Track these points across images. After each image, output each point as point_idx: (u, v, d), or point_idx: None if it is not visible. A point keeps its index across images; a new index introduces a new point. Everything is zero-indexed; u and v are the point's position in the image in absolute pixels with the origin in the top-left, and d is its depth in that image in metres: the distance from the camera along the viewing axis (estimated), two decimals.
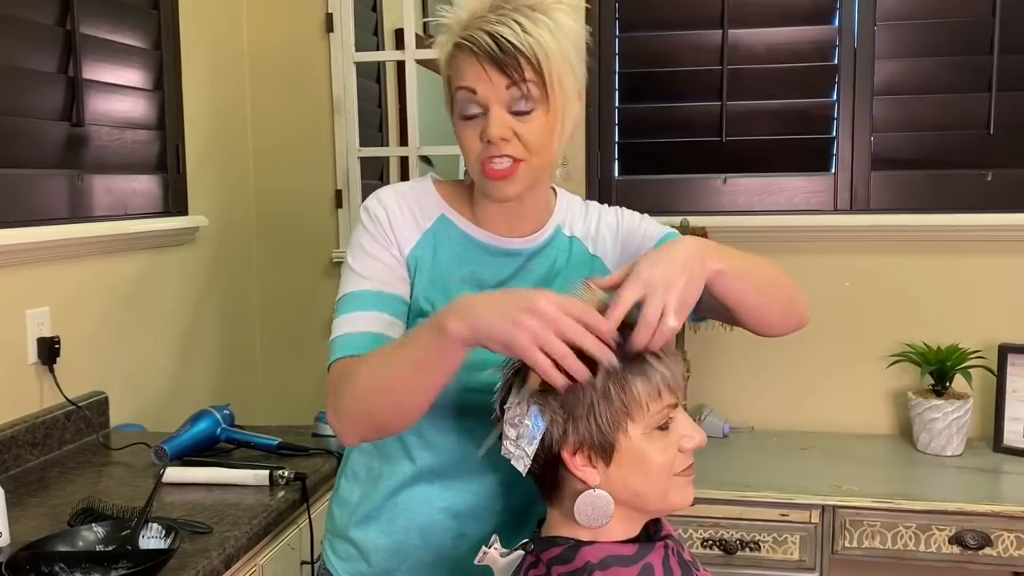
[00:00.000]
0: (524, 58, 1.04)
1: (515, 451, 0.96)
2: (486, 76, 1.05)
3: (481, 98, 1.06)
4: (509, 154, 1.07)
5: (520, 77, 1.04)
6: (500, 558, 1.01)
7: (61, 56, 1.87)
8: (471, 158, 1.10)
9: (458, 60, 1.08)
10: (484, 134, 1.06)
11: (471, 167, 1.11)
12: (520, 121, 1.07)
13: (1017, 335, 2.18)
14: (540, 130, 1.08)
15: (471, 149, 1.09)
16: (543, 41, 1.04)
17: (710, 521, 1.92)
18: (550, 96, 1.07)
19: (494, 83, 1.05)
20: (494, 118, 1.06)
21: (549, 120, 1.08)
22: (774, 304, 1.12)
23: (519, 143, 1.07)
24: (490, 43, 1.04)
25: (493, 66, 1.04)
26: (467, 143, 1.10)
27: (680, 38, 2.38)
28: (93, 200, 1.96)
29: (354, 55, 2.48)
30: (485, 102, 1.06)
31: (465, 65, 1.07)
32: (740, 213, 2.37)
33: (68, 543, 1.25)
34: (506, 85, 1.05)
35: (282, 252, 2.57)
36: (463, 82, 1.07)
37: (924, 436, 2.13)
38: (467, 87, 1.07)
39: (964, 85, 2.26)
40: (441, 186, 1.21)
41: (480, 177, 1.10)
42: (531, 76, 1.05)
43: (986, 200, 2.25)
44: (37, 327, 1.77)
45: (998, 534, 1.83)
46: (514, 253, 1.18)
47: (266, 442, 1.75)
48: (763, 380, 2.37)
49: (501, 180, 1.08)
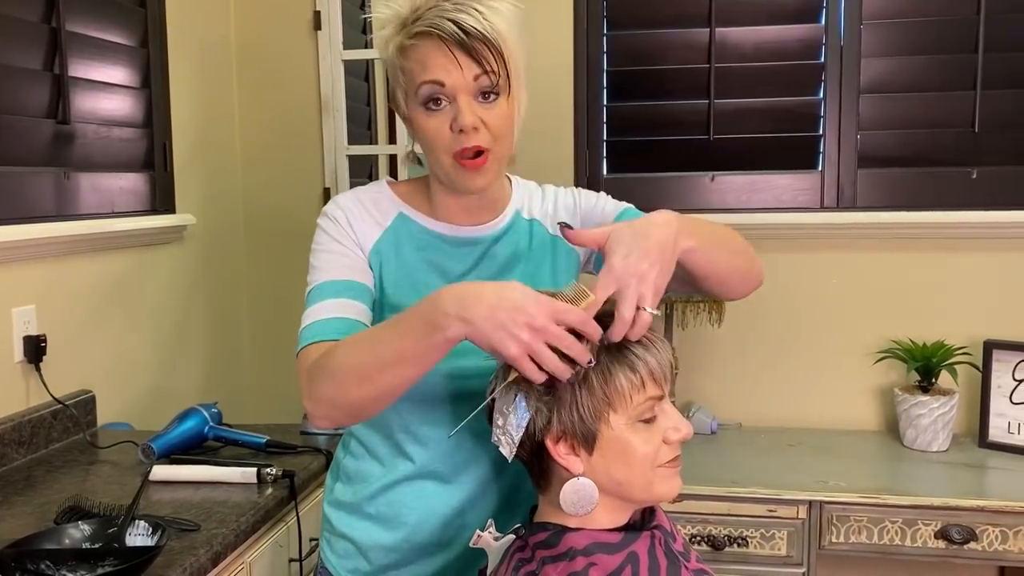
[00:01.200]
0: (490, 44, 1.04)
1: (502, 438, 0.99)
2: (456, 64, 1.04)
3: (448, 89, 1.05)
4: (479, 143, 1.07)
5: (490, 66, 1.04)
6: (494, 542, 1.04)
7: (47, 53, 1.86)
8: (439, 149, 1.09)
9: (419, 51, 1.05)
10: (455, 124, 1.06)
11: (439, 159, 1.10)
12: (485, 108, 1.07)
13: (1002, 331, 2.20)
14: (504, 117, 1.08)
15: (438, 140, 1.08)
16: (501, 28, 1.05)
17: (698, 517, 1.92)
18: (512, 82, 1.08)
19: (464, 71, 1.04)
20: (464, 107, 1.05)
21: (510, 107, 1.09)
22: (738, 271, 1.15)
23: (487, 131, 1.07)
24: (456, 30, 1.03)
25: (463, 53, 1.04)
26: (433, 134, 1.08)
27: (668, 36, 2.38)
28: (79, 198, 1.95)
29: (342, 53, 2.48)
30: (452, 92, 1.06)
31: (429, 55, 1.05)
32: (728, 211, 2.37)
33: (54, 541, 1.24)
34: (475, 75, 1.05)
35: (270, 250, 2.57)
36: (429, 75, 1.05)
37: (910, 432, 2.15)
38: (434, 80, 1.05)
39: (949, 83, 2.27)
40: (396, 187, 1.22)
41: (453, 168, 1.09)
42: (497, 63, 1.05)
43: (971, 198, 2.26)
44: (23, 325, 1.76)
45: (983, 528, 1.84)
46: (476, 241, 1.18)
47: (254, 440, 1.74)
48: (751, 377, 2.38)
49: (475, 171, 1.08)
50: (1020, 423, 2.12)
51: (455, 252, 1.17)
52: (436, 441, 1.16)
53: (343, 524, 1.22)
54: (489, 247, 1.19)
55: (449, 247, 1.17)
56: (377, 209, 1.18)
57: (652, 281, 0.96)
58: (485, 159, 1.08)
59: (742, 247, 1.17)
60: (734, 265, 1.14)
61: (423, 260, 1.16)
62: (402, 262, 1.16)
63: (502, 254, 1.19)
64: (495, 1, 1.06)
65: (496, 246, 1.19)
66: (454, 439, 1.13)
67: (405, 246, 1.17)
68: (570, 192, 1.27)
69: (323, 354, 1.02)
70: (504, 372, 1.00)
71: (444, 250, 1.17)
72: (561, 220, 1.12)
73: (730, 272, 1.13)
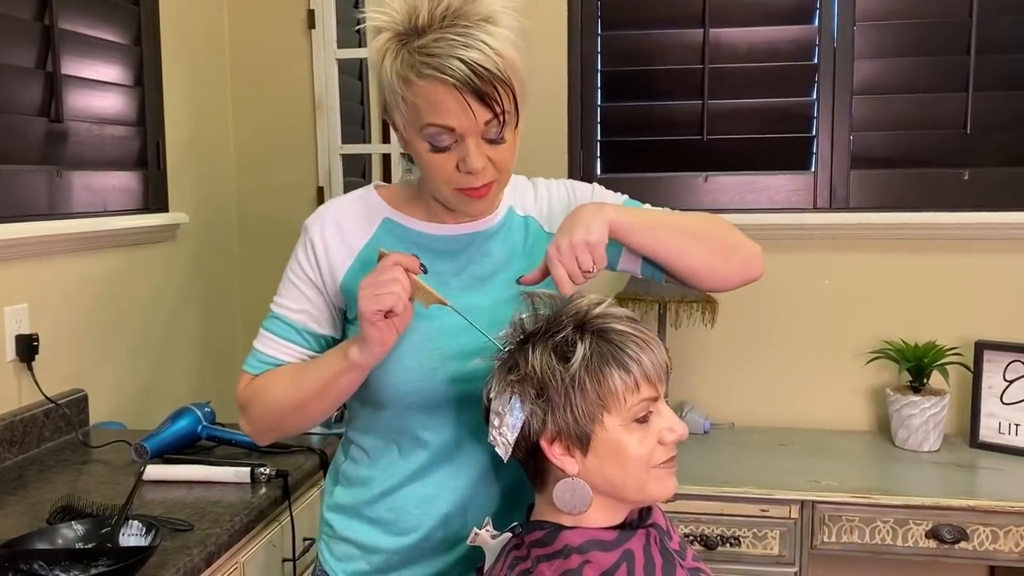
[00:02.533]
0: (502, 84, 1.01)
1: (498, 439, 0.99)
2: (466, 109, 1.01)
3: (457, 132, 1.03)
4: (485, 181, 1.07)
5: (501, 107, 1.02)
6: (491, 540, 1.04)
7: (40, 51, 1.85)
8: (440, 181, 1.08)
9: (428, 91, 1.01)
10: (463, 165, 1.05)
11: (439, 188, 1.10)
12: (493, 148, 1.06)
13: (993, 332, 2.21)
14: (510, 151, 1.08)
15: (442, 175, 1.07)
16: (510, 58, 1.02)
17: (691, 517, 1.93)
18: (519, 115, 1.06)
19: (476, 117, 1.01)
20: (473, 151, 1.04)
21: (515, 135, 1.08)
22: (699, 255, 1.14)
23: (493, 168, 1.07)
24: (468, 74, 0.98)
25: (477, 101, 1.00)
26: (436, 169, 1.07)
27: (662, 37, 2.39)
28: (72, 196, 1.95)
29: (336, 52, 2.47)
30: (461, 135, 1.03)
31: (438, 98, 1.00)
32: (721, 211, 2.38)
33: (47, 541, 1.24)
34: (487, 120, 1.02)
35: (263, 249, 2.56)
36: (439, 119, 1.02)
37: (902, 432, 2.16)
38: (443, 125, 1.02)
39: (942, 85, 2.28)
40: (384, 191, 1.21)
41: (458, 198, 1.09)
42: (507, 103, 1.03)
43: (963, 199, 2.27)
44: (15, 324, 1.75)
45: (974, 528, 1.85)
46: (466, 239, 1.17)
47: (247, 440, 1.72)
48: (743, 377, 2.38)
49: (479, 199, 1.09)
50: (1011, 423, 2.13)
51: (448, 252, 1.17)
52: (438, 445, 1.15)
53: (345, 527, 1.21)
54: (484, 243, 1.18)
55: (441, 247, 1.17)
56: (358, 223, 1.17)
57: (579, 244, 1.03)
58: (490, 188, 1.09)
59: (705, 231, 1.15)
60: (690, 247, 1.13)
61: None
62: None
63: (498, 252, 1.18)
64: (499, 26, 1.01)
65: (491, 243, 1.18)
66: (458, 440, 1.14)
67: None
68: (563, 185, 1.26)
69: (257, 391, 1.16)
70: (500, 374, 1.00)
71: (436, 251, 1.16)
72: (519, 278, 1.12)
73: (686, 253, 1.13)
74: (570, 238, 1.04)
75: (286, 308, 1.19)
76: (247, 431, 1.20)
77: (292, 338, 1.17)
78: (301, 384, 1.12)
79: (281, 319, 1.18)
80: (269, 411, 1.16)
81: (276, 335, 1.18)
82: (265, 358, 1.18)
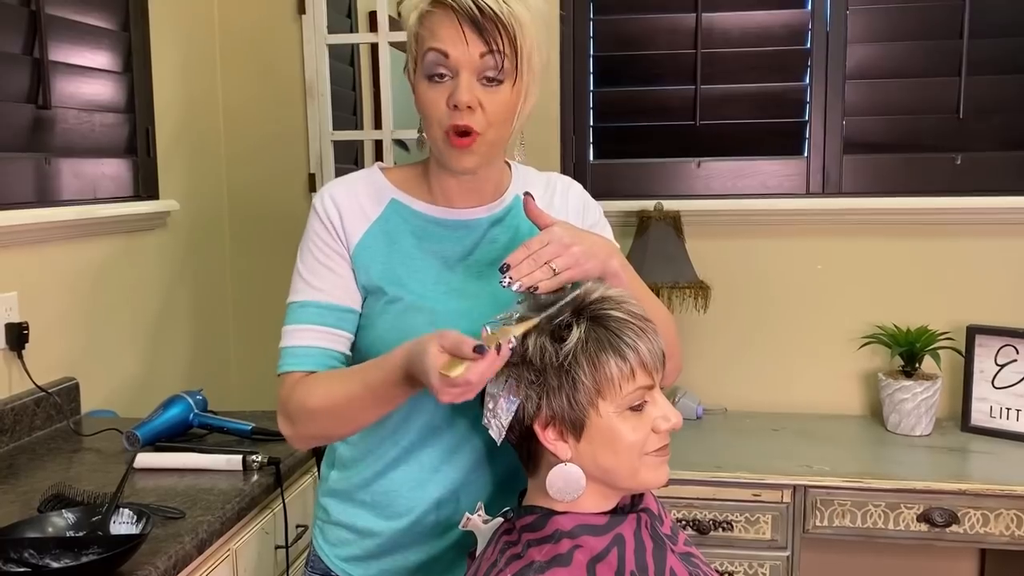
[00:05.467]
0: (503, 27, 1.04)
1: (492, 421, 0.99)
2: (463, 39, 1.04)
3: (452, 62, 1.05)
4: (471, 124, 1.06)
5: (497, 46, 1.04)
6: (482, 524, 1.05)
7: (26, 37, 1.83)
8: (432, 121, 1.09)
9: (433, 19, 1.05)
10: (452, 98, 1.05)
11: (432, 131, 1.10)
12: (487, 91, 1.06)
13: (985, 317, 2.22)
14: (504, 103, 1.07)
15: (434, 112, 1.08)
16: (520, 13, 1.05)
17: (683, 502, 1.94)
18: (520, 70, 1.07)
19: (470, 48, 1.04)
20: (464, 84, 1.05)
21: (514, 95, 1.08)
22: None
23: (482, 114, 1.06)
24: (471, 6, 1.03)
25: (473, 29, 1.03)
26: (430, 105, 1.08)
27: (654, 21, 2.38)
28: (61, 184, 1.94)
29: (327, 37, 2.45)
30: (456, 66, 1.05)
31: (441, 25, 1.05)
32: (714, 197, 2.38)
33: (37, 529, 1.24)
34: (481, 52, 1.04)
35: (255, 236, 2.55)
36: (437, 43, 1.05)
37: (894, 416, 2.16)
38: (440, 49, 1.05)
39: (934, 69, 2.28)
40: (390, 172, 1.21)
41: (442, 144, 1.09)
42: (506, 47, 1.04)
43: (956, 183, 2.27)
44: (5, 312, 1.75)
45: (965, 511, 1.86)
46: (472, 224, 1.18)
47: (239, 427, 1.74)
48: (736, 362, 2.39)
49: (462, 150, 1.08)
50: (1002, 407, 2.14)
51: (452, 235, 1.17)
52: (426, 427, 1.16)
53: (339, 511, 1.22)
54: (488, 230, 1.18)
55: (446, 231, 1.17)
56: (369, 199, 1.17)
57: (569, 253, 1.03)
58: (473, 140, 1.07)
59: (669, 336, 1.13)
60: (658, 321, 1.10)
61: (420, 247, 1.16)
62: (398, 251, 1.15)
63: (502, 238, 1.18)
64: None
65: (495, 229, 1.18)
66: (452, 425, 1.15)
67: (400, 234, 1.16)
68: (578, 197, 1.26)
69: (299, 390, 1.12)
70: None
71: (441, 234, 1.16)
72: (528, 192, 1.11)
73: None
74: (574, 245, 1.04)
75: (317, 292, 1.14)
76: (289, 434, 1.15)
77: (332, 323, 1.14)
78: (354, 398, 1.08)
79: (313, 305, 1.14)
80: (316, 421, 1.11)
81: (314, 324, 1.13)
82: (301, 351, 1.13)
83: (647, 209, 2.28)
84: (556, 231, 1.04)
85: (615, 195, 2.35)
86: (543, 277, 1.01)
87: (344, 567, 1.22)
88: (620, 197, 2.33)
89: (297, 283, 1.16)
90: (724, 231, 2.36)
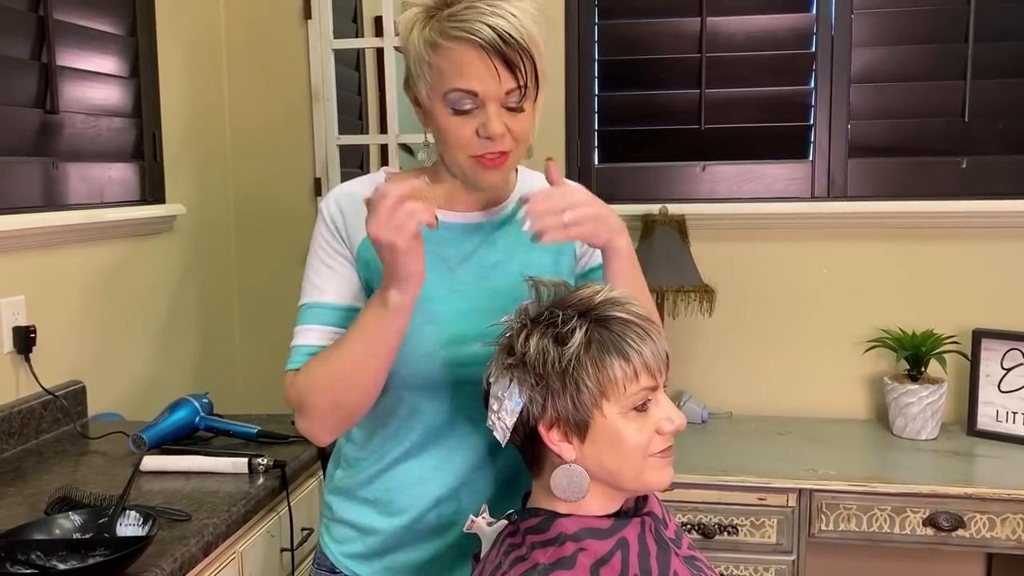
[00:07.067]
0: (525, 54, 1.04)
1: (496, 423, 1.00)
2: (494, 75, 1.03)
3: (480, 98, 1.05)
4: (502, 148, 1.08)
5: (524, 80, 1.04)
6: (487, 527, 1.05)
7: (34, 42, 1.84)
8: (458, 148, 1.09)
9: (455, 54, 1.03)
10: (482, 130, 1.06)
11: (456, 156, 1.10)
12: (511, 117, 1.07)
13: (991, 320, 2.21)
14: (527, 122, 1.09)
15: (460, 141, 1.08)
16: (535, 35, 1.05)
17: (689, 505, 1.93)
18: (539, 88, 1.08)
19: (501, 83, 1.04)
20: (493, 116, 1.05)
21: (534, 111, 1.10)
22: None
23: (510, 137, 1.08)
24: (495, 38, 1.02)
25: (502, 64, 1.03)
26: (456, 135, 1.08)
27: (659, 25, 2.38)
28: (68, 188, 1.95)
29: (332, 42, 2.47)
30: (483, 100, 1.05)
31: (467, 63, 1.03)
32: (719, 200, 2.38)
33: (45, 531, 1.24)
34: (509, 88, 1.04)
35: (261, 240, 2.56)
36: (464, 84, 1.04)
37: (899, 420, 2.16)
38: (469, 90, 1.04)
39: (940, 73, 2.28)
40: (395, 177, 1.21)
41: (469, 166, 1.10)
42: (530, 77, 1.05)
43: (961, 187, 2.27)
44: (12, 316, 1.76)
45: (971, 516, 1.86)
46: (477, 227, 1.18)
47: (245, 430, 1.74)
48: (741, 366, 2.39)
49: (493, 169, 1.10)
50: (1008, 411, 2.13)
51: (456, 239, 1.17)
52: (430, 426, 1.16)
53: (343, 509, 1.23)
54: (490, 234, 1.19)
55: (449, 234, 1.17)
56: None
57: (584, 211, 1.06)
58: (506, 159, 1.09)
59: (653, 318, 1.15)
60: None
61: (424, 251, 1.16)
62: None
63: (502, 241, 1.19)
64: (524, 2, 1.05)
65: (499, 232, 1.19)
66: (455, 424, 1.15)
67: None
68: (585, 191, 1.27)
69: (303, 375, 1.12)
70: (499, 358, 1.01)
71: (445, 238, 1.17)
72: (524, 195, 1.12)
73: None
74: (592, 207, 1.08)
75: (321, 293, 1.16)
76: (306, 429, 1.14)
77: (333, 321, 1.14)
78: (347, 351, 1.08)
79: (317, 306, 1.16)
80: (323, 393, 1.10)
81: (317, 324, 1.14)
82: (310, 349, 1.14)
83: (652, 213, 2.28)
84: (579, 188, 1.09)
85: (620, 199, 2.35)
86: (553, 223, 1.04)
87: (348, 564, 1.23)
88: (625, 201, 2.33)
89: (305, 285, 1.18)
90: (729, 235, 2.36)
